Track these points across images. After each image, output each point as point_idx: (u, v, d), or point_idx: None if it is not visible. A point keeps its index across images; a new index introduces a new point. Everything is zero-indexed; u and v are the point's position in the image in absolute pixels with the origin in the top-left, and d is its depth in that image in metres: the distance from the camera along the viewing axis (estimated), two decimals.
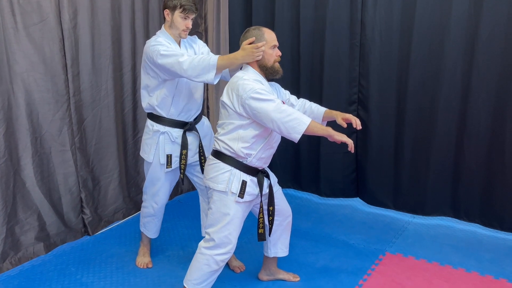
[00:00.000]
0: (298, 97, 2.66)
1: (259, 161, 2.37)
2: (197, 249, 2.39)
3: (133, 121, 3.61)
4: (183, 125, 2.74)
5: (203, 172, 2.77)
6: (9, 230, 2.87)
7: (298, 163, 4.03)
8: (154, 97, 2.67)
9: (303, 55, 3.77)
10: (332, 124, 2.45)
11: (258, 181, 2.38)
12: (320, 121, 2.52)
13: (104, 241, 3.27)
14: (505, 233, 3.30)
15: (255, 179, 2.37)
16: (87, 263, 2.98)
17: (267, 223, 2.50)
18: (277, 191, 2.56)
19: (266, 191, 2.44)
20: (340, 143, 2.25)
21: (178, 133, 2.73)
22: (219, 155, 2.35)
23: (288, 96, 2.60)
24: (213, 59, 2.37)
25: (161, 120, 2.71)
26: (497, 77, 3.11)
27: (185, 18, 2.59)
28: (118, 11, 3.34)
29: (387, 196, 3.69)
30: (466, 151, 3.31)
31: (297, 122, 2.18)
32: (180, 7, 2.55)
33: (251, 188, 2.35)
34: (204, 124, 2.88)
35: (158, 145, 2.72)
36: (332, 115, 2.48)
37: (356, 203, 3.91)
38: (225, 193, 2.31)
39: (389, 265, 2.95)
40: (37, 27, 2.86)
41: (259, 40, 2.33)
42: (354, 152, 3.71)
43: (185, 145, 2.72)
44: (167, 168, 2.74)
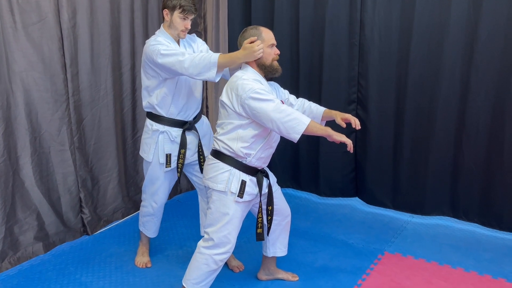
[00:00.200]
0: (297, 97, 2.66)
1: (259, 160, 2.37)
2: (196, 248, 2.39)
3: (132, 121, 3.61)
4: (182, 125, 2.73)
5: (202, 171, 2.77)
6: (8, 229, 2.87)
7: (297, 162, 4.03)
8: (154, 96, 2.67)
9: (302, 55, 3.77)
10: (331, 124, 2.45)
11: (257, 181, 2.38)
12: (319, 121, 2.52)
13: (103, 241, 3.27)
14: (504, 233, 3.31)
15: (254, 179, 2.37)
16: (86, 263, 2.98)
17: (265, 222, 2.50)
18: (276, 190, 2.56)
19: (265, 190, 2.44)
20: (339, 143, 2.25)
21: (177, 132, 2.72)
22: (219, 155, 2.35)
23: (287, 95, 2.60)
24: (214, 57, 2.37)
25: (160, 119, 2.71)
26: (496, 77, 3.11)
27: (184, 18, 2.58)
28: (117, 11, 3.34)
29: (386, 195, 3.69)
30: (465, 150, 3.31)
31: (296, 122, 2.18)
32: (179, 7, 2.55)
33: (251, 188, 2.35)
34: (203, 123, 2.88)
35: (157, 144, 2.72)
36: (331, 115, 2.48)
37: (355, 202, 3.91)
38: (225, 193, 2.31)
39: (388, 265, 2.95)
40: (36, 26, 2.85)
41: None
42: (353, 151, 3.73)
43: (183, 144, 2.72)
44: (166, 167, 2.74)
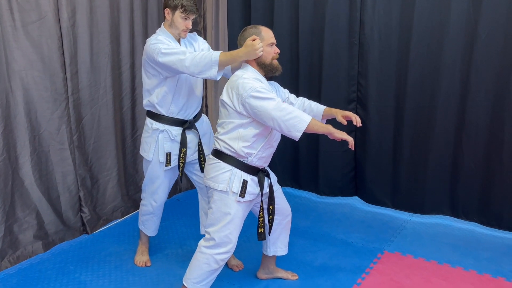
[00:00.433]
0: (297, 96, 2.66)
1: (260, 160, 2.37)
2: (197, 248, 2.39)
3: (131, 120, 3.61)
4: (183, 123, 2.73)
5: (202, 170, 2.77)
6: (8, 228, 2.87)
7: (297, 162, 4.03)
8: (154, 95, 2.66)
9: (302, 54, 3.76)
10: (331, 122, 2.45)
11: (258, 180, 2.37)
12: (319, 119, 2.52)
13: (102, 240, 3.27)
14: (503, 232, 3.31)
15: (255, 179, 2.37)
16: (85, 262, 2.98)
17: (267, 222, 2.50)
18: (277, 190, 2.56)
19: (266, 190, 2.44)
20: (340, 141, 2.25)
21: (177, 131, 2.72)
22: (220, 155, 2.34)
23: (287, 95, 2.60)
24: (215, 55, 2.37)
25: (160, 118, 2.71)
26: (495, 76, 3.11)
27: (186, 18, 2.58)
28: (116, 10, 3.34)
29: (385, 194, 3.69)
30: (464, 150, 3.31)
31: (297, 120, 2.18)
32: (181, 7, 2.54)
33: (252, 187, 2.35)
34: (203, 122, 2.87)
35: (157, 143, 2.72)
36: (331, 113, 2.48)
37: (354, 201, 3.91)
38: (226, 193, 2.31)
39: (387, 264, 2.95)
40: (35, 25, 2.85)
41: None
42: (353, 150, 3.74)
43: (184, 143, 2.72)
44: (166, 166, 2.74)
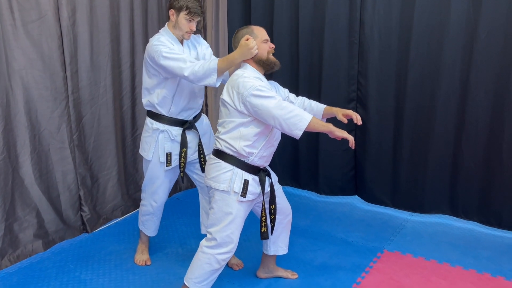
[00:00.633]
0: (297, 95, 2.66)
1: (261, 159, 2.37)
2: (198, 247, 2.38)
3: (132, 119, 3.61)
4: (183, 124, 2.73)
5: (203, 170, 2.77)
6: (8, 227, 2.87)
7: (296, 161, 4.03)
8: (154, 96, 2.66)
9: (302, 53, 3.76)
10: (332, 120, 2.45)
11: (259, 180, 2.37)
12: (320, 118, 2.52)
13: (102, 239, 3.27)
14: (503, 231, 3.31)
15: (257, 178, 2.37)
16: (85, 261, 2.98)
17: (269, 222, 2.50)
18: (278, 189, 2.56)
19: (267, 189, 2.44)
20: (340, 140, 2.25)
21: (177, 131, 2.72)
22: (221, 154, 2.34)
23: (287, 94, 2.60)
24: (213, 63, 2.40)
25: (161, 118, 2.71)
26: (495, 76, 3.11)
27: (190, 20, 2.57)
28: (117, 9, 3.34)
29: (385, 194, 3.69)
30: (464, 149, 3.31)
31: (298, 118, 2.18)
32: (186, 9, 2.54)
33: (253, 187, 2.35)
34: (203, 122, 2.87)
35: (157, 143, 2.72)
36: (332, 112, 2.48)
37: (354, 201, 3.92)
38: (227, 193, 2.30)
39: (387, 263, 2.96)
40: (35, 24, 2.85)
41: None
42: (353, 149, 3.74)
43: (184, 144, 2.72)
44: (166, 166, 2.74)
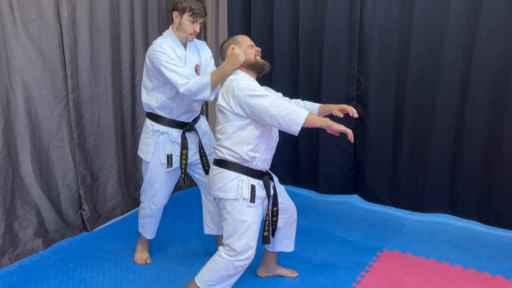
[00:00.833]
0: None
1: (264, 163, 2.38)
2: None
3: (131, 118, 3.61)
4: (183, 126, 2.74)
5: (206, 173, 2.78)
6: (8, 226, 2.87)
7: (296, 160, 4.03)
8: (153, 100, 2.67)
9: (302, 52, 3.76)
10: (328, 117, 2.45)
11: (264, 183, 2.39)
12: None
13: (102, 237, 3.28)
14: (502, 230, 3.32)
15: (261, 182, 2.38)
16: (85, 259, 2.98)
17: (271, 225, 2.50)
18: (281, 190, 2.57)
19: (271, 192, 2.45)
20: (339, 135, 2.26)
21: (178, 133, 2.73)
22: (224, 164, 2.34)
23: (281, 97, 2.61)
24: (206, 78, 2.45)
25: (161, 119, 2.71)
26: (495, 75, 3.11)
27: (194, 22, 2.57)
28: (117, 8, 3.34)
29: (385, 193, 3.69)
30: (464, 148, 3.31)
31: (295, 114, 2.19)
32: (189, 10, 2.54)
33: (259, 191, 2.36)
34: (202, 123, 2.88)
35: (157, 145, 2.72)
36: (327, 109, 2.50)
37: (354, 200, 3.92)
38: (237, 200, 2.30)
39: (387, 262, 2.96)
40: (35, 23, 2.85)
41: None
42: (353, 149, 3.74)
43: (184, 146, 2.72)
44: (168, 168, 2.74)
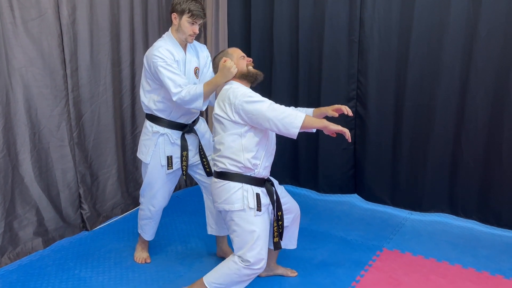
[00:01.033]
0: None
1: (265, 170, 2.39)
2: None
3: (131, 117, 3.61)
4: (183, 127, 2.74)
5: (207, 175, 2.79)
6: (8, 225, 2.87)
7: (296, 159, 4.03)
8: (152, 102, 2.67)
9: (301, 52, 3.76)
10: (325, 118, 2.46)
11: (267, 190, 2.40)
12: None
13: (102, 236, 3.28)
14: (502, 230, 3.32)
15: (264, 190, 2.39)
16: (85, 258, 2.98)
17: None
18: (282, 191, 2.56)
19: (274, 198, 2.46)
20: (336, 135, 2.27)
21: (177, 134, 2.73)
22: (226, 175, 2.34)
23: None
24: (199, 88, 2.47)
25: (161, 121, 2.71)
26: (495, 75, 3.12)
27: (193, 23, 2.58)
28: (116, 7, 3.34)
29: (385, 192, 3.70)
30: (463, 148, 3.32)
31: (293, 117, 2.20)
32: (188, 12, 2.54)
33: (263, 199, 2.36)
34: (201, 124, 2.89)
35: (157, 146, 2.72)
36: (321, 112, 2.51)
37: (354, 199, 3.92)
38: (244, 211, 2.30)
39: (386, 261, 2.96)
40: (35, 22, 2.85)
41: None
42: (352, 149, 3.74)
43: (184, 147, 2.73)
44: (168, 169, 2.74)
